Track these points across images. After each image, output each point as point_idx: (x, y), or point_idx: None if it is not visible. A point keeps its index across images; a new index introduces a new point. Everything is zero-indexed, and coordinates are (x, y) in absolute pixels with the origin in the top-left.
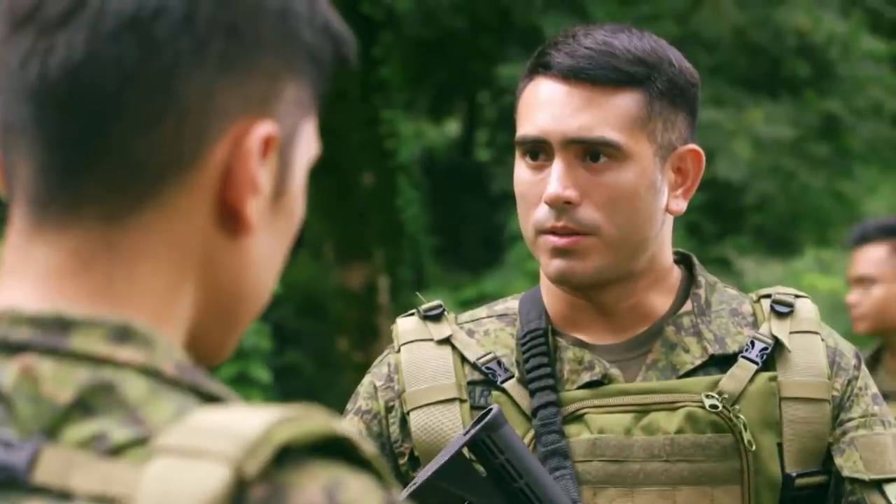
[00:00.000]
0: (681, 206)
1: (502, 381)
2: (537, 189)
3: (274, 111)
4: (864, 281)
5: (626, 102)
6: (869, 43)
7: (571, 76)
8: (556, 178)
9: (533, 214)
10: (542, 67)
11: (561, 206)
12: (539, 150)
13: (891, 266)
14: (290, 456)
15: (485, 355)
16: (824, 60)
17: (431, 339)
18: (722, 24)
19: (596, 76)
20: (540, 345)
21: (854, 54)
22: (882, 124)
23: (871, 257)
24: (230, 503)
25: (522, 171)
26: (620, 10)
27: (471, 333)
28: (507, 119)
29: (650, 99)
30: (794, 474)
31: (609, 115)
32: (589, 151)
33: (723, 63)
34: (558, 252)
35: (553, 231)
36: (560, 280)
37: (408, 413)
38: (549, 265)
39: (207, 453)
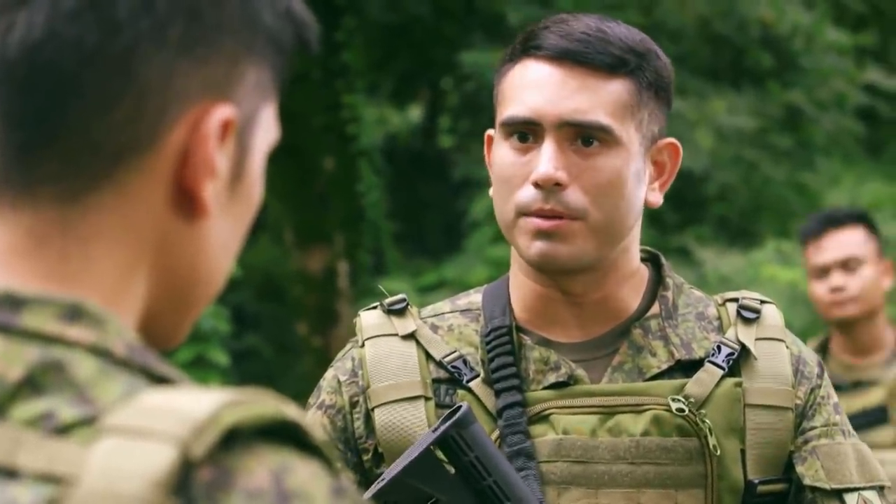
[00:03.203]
0: (657, 198)
1: (468, 381)
2: (523, 170)
3: (233, 95)
4: (849, 263)
5: (619, 89)
6: (833, 35)
7: (566, 58)
8: (547, 159)
9: (515, 196)
10: (533, 49)
11: (550, 188)
12: (528, 131)
13: (871, 248)
14: (238, 439)
15: (450, 353)
16: (788, 52)
17: (396, 335)
18: (686, 14)
19: (593, 60)
20: (505, 343)
21: (818, 46)
22: (845, 116)
23: (853, 240)
24: (176, 484)
25: (506, 152)
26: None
27: (434, 329)
28: (470, 106)
29: (640, 88)
30: (756, 481)
31: (604, 100)
32: (581, 135)
33: (686, 53)
34: (541, 235)
35: (539, 213)
36: (541, 263)
37: (372, 409)
38: (531, 247)
39: (154, 433)
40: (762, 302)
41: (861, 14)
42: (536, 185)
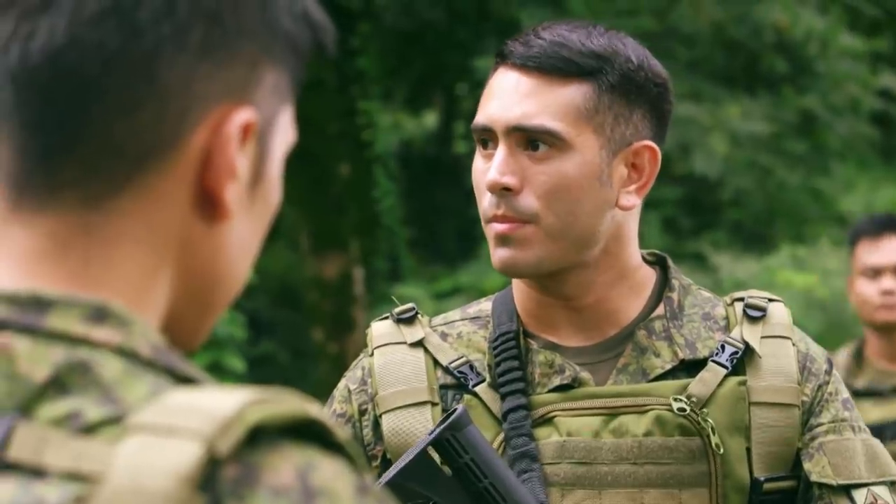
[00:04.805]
0: (632, 201)
1: (474, 385)
2: (485, 177)
3: (253, 98)
4: None
5: (572, 93)
6: (847, 40)
7: (522, 65)
8: (495, 165)
9: (482, 203)
10: (499, 58)
11: (500, 193)
12: (488, 138)
13: None
14: (263, 437)
15: (457, 359)
16: (802, 57)
17: (404, 343)
18: (700, 20)
19: (542, 65)
20: (511, 348)
21: (832, 51)
22: (859, 121)
23: None
24: (202, 481)
25: (477, 159)
26: (599, 4)
27: (444, 336)
28: None
29: (599, 92)
30: (762, 479)
31: (552, 104)
32: (529, 140)
33: (701, 58)
34: (501, 240)
35: (495, 218)
36: (504, 270)
37: (380, 416)
38: (494, 255)
39: (181, 431)
40: (770, 300)
41: (875, 19)
42: (490, 190)
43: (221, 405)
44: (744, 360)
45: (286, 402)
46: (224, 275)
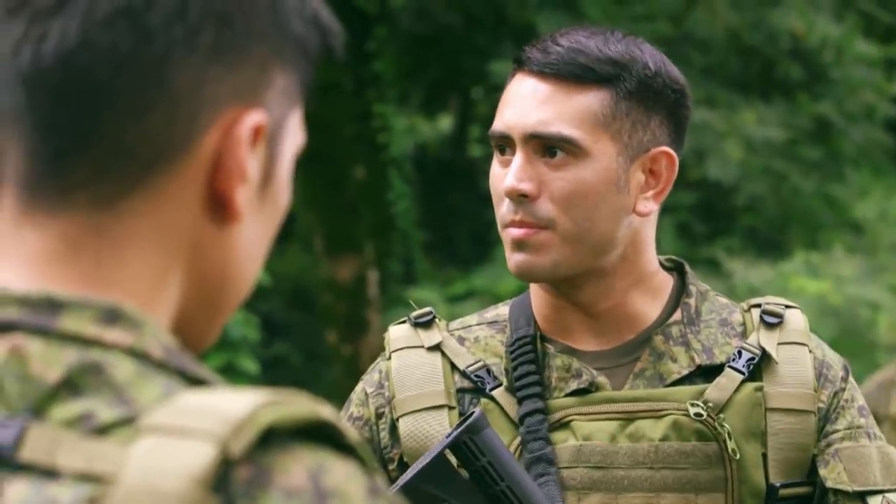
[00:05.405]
0: (649, 207)
1: (491, 389)
2: (503, 183)
3: (263, 100)
4: None
5: (589, 100)
6: (862, 47)
7: (539, 72)
8: (512, 172)
9: (499, 209)
10: (517, 64)
11: (518, 200)
12: (506, 144)
13: None
14: (275, 439)
15: (474, 363)
16: (817, 63)
17: (422, 346)
18: (716, 25)
19: (560, 72)
20: (528, 352)
21: (847, 58)
22: (874, 128)
23: None
24: (215, 482)
25: (495, 165)
26: (614, 9)
27: (461, 341)
28: None
29: (616, 98)
30: (778, 484)
31: (568, 111)
32: (547, 146)
33: (716, 64)
34: (517, 245)
35: (512, 224)
36: (520, 274)
37: (397, 419)
38: (511, 259)
39: (194, 432)
40: (787, 307)
41: (890, 26)
42: (508, 196)
43: (234, 407)
44: (760, 366)
45: (298, 404)
46: (234, 276)
